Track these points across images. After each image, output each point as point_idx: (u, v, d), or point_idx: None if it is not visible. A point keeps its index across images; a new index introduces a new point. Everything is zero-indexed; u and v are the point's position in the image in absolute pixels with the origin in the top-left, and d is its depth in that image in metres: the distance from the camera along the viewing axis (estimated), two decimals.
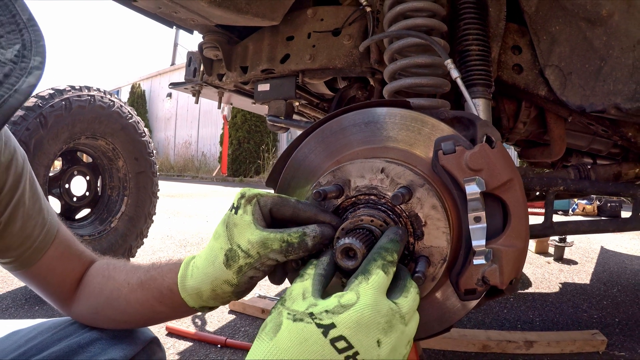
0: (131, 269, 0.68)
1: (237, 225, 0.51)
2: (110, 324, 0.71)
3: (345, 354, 0.38)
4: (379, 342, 0.39)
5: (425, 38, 0.83)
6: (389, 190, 0.48)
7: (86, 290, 0.71)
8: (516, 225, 0.48)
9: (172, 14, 1.32)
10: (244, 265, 0.51)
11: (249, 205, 0.52)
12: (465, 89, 0.77)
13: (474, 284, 0.49)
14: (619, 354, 1.60)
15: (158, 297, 0.62)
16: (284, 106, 1.37)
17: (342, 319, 0.39)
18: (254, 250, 0.50)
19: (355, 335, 0.39)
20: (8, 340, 0.71)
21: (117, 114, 2.28)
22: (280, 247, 0.49)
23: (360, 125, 0.57)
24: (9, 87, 0.39)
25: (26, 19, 0.46)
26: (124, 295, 0.66)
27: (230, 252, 0.51)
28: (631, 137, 1.26)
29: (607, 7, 1.06)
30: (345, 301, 0.40)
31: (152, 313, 0.65)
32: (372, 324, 0.40)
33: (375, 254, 0.44)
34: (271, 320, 0.42)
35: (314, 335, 0.39)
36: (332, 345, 0.38)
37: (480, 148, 0.47)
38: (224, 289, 0.53)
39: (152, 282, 0.62)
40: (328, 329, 0.39)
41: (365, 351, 0.39)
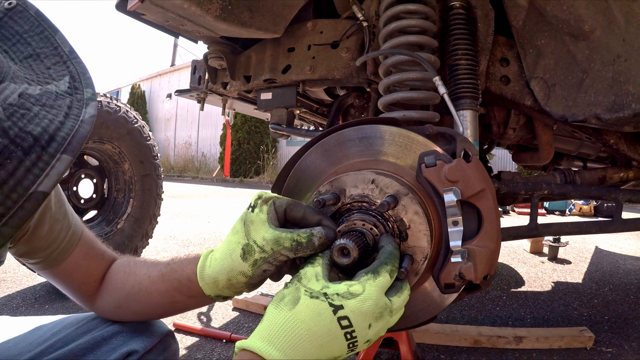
0: (151, 263, 0.75)
1: (253, 223, 0.59)
2: (132, 317, 0.77)
3: (345, 330, 0.49)
4: (370, 325, 0.50)
5: (415, 56, 0.91)
6: (379, 198, 0.56)
7: (109, 286, 0.77)
8: (488, 229, 0.56)
9: (179, 26, 1.40)
10: (258, 259, 0.58)
11: (265, 205, 0.60)
12: (452, 104, 0.85)
13: (452, 279, 0.56)
14: (606, 350, 1.67)
15: (177, 287, 0.68)
16: (286, 114, 1.45)
17: (349, 305, 0.49)
18: (268, 247, 0.57)
19: (356, 318, 0.49)
20: (33, 334, 0.76)
21: (124, 118, 2.36)
22: (291, 245, 0.56)
23: (355, 140, 0.65)
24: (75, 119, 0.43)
25: (68, 51, 0.51)
26: (145, 287, 0.72)
27: (247, 246, 0.58)
28: (613, 144, 1.34)
29: (590, 23, 1.13)
30: (354, 290, 0.50)
31: (171, 302, 0.71)
32: (370, 313, 0.50)
33: (387, 259, 0.53)
34: (289, 294, 0.52)
35: (326, 311, 0.49)
36: (339, 322, 0.49)
37: (457, 162, 0.55)
38: (239, 280, 0.61)
39: (173, 274, 0.69)
40: (337, 309, 0.49)
41: (359, 330, 0.49)
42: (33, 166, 0.38)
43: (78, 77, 0.48)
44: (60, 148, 0.40)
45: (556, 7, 1.15)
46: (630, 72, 1.06)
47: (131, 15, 1.41)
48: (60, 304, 2.05)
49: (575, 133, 1.38)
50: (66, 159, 0.40)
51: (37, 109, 0.41)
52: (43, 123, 0.41)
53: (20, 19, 0.50)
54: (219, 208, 6.14)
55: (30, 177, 0.38)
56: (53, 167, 0.39)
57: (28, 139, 0.39)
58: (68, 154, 0.41)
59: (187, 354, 1.52)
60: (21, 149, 0.38)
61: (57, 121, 0.42)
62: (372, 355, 1.31)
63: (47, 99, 0.43)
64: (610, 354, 1.64)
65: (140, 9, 1.20)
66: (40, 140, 0.39)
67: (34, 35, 0.50)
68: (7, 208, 0.37)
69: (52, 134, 0.40)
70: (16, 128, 0.38)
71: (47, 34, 0.51)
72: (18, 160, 0.38)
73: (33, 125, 0.40)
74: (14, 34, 0.49)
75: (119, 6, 1.29)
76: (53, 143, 0.40)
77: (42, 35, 0.50)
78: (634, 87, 1.06)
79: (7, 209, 0.37)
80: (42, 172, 0.39)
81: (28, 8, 0.51)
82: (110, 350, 0.73)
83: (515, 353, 1.59)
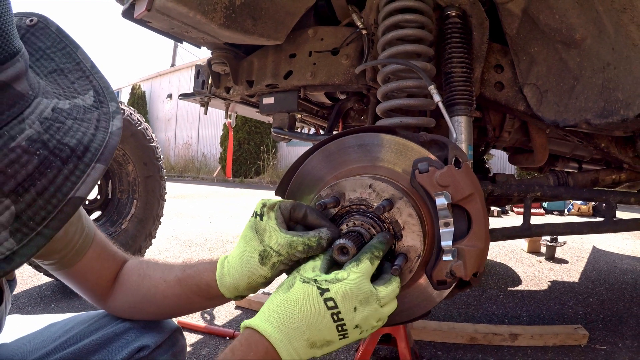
0: (165, 268, 0.78)
1: (265, 230, 0.64)
2: (146, 317, 0.81)
3: (331, 311, 0.55)
4: (355, 308, 0.56)
5: (411, 66, 0.95)
6: (375, 201, 0.61)
7: (122, 287, 0.81)
8: (477, 230, 0.60)
9: (183, 33, 1.44)
10: (276, 262, 0.64)
11: (272, 212, 0.65)
12: (446, 112, 0.89)
13: (444, 276, 0.61)
14: (600, 347, 1.71)
15: (196, 292, 0.73)
16: (287, 118, 1.50)
17: (334, 287, 0.55)
18: (284, 250, 0.63)
19: (341, 300, 0.55)
20: (47, 331, 0.80)
21: (127, 121, 2.40)
22: (303, 249, 0.62)
23: (354, 147, 0.69)
24: (104, 131, 0.47)
25: (90, 67, 0.53)
26: (161, 290, 0.76)
27: (264, 252, 0.64)
28: (604, 147, 1.38)
29: (581, 32, 1.17)
30: (340, 277, 0.56)
31: (189, 304, 0.77)
32: (353, 295, 0.56)
33: (367, 248, 0.59)
34: (287, 281, 0.59)
35: (313, 293, 0.56)
36: (325, 303, 0.55)
37: (448, 169, 0.60)
38: (258, 281, 0.67)
39: (190, 280, 0.74)
40: (324, 291, 0.55)
41: (345, 312, 0.55)
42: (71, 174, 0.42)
43: (102, 91, 0.51)
44: (95, 157, 0.44)
45: (549, 16, 1.19)
46: (619, 79, 1.11)
47: (137, 22, 1.46)
48: (66, 303, 2.09)
49: (567, 137, 1.42)
50: (100, 167, 0.44)
51: (70, 122, 0.45)
52: (77, 135, 0.44)
53: (42, 36, 0.53)
54: (220, 208, 6.18)
55: (68, 184, 0.42)
56: (89, 174, 0.43)
57: (65, 149, 0.42)
58: (102, 162, 0.44)
59: (191, 350, 1.57)
60: (60, 159, 0.42)
61: (89, 133, 0.45)
62: (370, 351, 1.36)
63: (77, 112, 0.47)
64: (604, 351, 1.68)
65: (146, 17, 1.24)
66: (76, 151, 0.43)
67: (56, 51, 0.52)
68: (49, 212, 0.40)
69: (86, 145, 0.44)
70: (54, 140, 0.42)
71: (68, 50, 0.53)
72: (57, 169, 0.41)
73: (69, 137, 0.44)
74: (37, 50, 0.51)
75: (125, 14, 1.33)
76: (88, 153, 0.44)
77: (64, 51, 0.53)
78: (623, 94, 1.10)
79: (49, 212, 0.40)
80: (79, 180, 0.42)
81: (49, 25, 0.53)
82: (122, 345, 0.77)
83: (511, 350, 1.63)
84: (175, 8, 1.14)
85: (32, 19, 0.52)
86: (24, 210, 0.39)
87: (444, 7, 1.20)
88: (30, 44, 0.51)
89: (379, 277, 0.60)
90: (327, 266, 0.61)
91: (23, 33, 0.52)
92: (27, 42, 0.51)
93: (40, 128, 0.42)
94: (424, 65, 1.05)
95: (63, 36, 0.53)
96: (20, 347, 0.76)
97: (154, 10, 1.16)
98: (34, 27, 0.52)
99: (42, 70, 0.51)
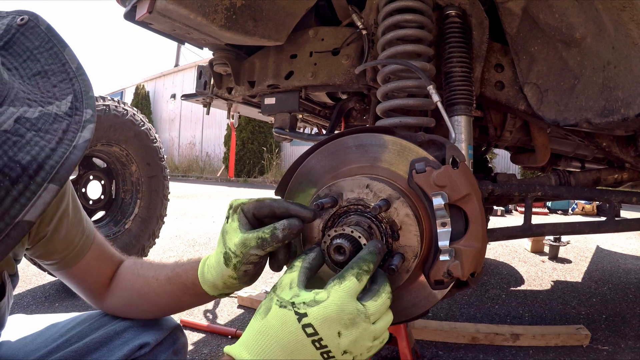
0: (157, 267, 0.80)
1: (227, 232, 0.64)
2: (141, 314, 0.82)
3: (312, 338, 0.49)
4: (339, 333, 0.50)
5: (410, 66, 0.96)
6: (372, 201, 0.61)
7: (118, 286, 0.82)
8: (474, 230, 0.61)
9: (185, 35, 1.45)
10: (236, 263, 0.63)
11: (235, 214, 0.64)
12: (445, 112, 0.90)
13: (441, 276, 0.61)
14: (602, 348, 1.71)
15: (183, 290, 0.74)
16: (289, 118, 1.50)
17: (312, 311, 0.50)
18: (239, 250, 0.62)
19: (320, 325, 0.49)
20: (49, 330, 0.82)
21: (131, 122, 2.42)
22: (257, 243, 0.60)
23: (352, 147, 0.70)
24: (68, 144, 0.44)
25: (75, 68, 0.51)
26: (153, 289, 0.77)
27: (226, 254, 0.64)
28: (605, 146, 1.38)
29: (581, 30, 1.17)
30: (319, 298, 0.51)
31: (178, 302, 0.78)
32: (335, 319, 0.50)
33: (354, 262, 0.54)
34: (264, 304, 0.54)
35: (291, 319, 0.50)
36: (303, 329, 0.50)
37: (445, 169, 0.60)
38: (232, 282, 0.67)
39: (178, 278, 0.75)
40: (302, 317, 0.50)
41: (327, 338, 0.49)
42: (20, 196, 0.39)
43: (81, 97, 0.49)
44: (48, 177, 0.41)
45: (548, 15, 1.19)
46: (619, 78, 1.10)
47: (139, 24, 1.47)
48: (69, 302, 2.11)
49: (569, 136, 1.42)
50: (53, 189, 0.41)
51: (31, 135, 0.42)
52: (33, 151, 0.41)
53: (31, 35, 0.52)
54: (223, 208, 6.20)
55: (17, 206, 0.39)
56: (40, 196, 0.40)
57: (17, 168, 0.40)
58: (55, 183, 0.41)
59: (194, 349, 1.58)
60: (9, 179, 0.39)
61: (48, 148, 0.42)
62: None
63: (43, 122, 0.44)
64: (606, 351, 1.67)
65: (148, 19, 1.25)
66: (29, 170, 0.40)
67: (43, 51, 0.51)
68: None
69: (40, 163, 0.41)
70: (6, 157, 0.39)
71: (56, 50, 0.52)
72: (5, 190, 0.38)
73: (23, 153, 0.41)
74: (25, 50, 0.51)
75: (127, 16, 1.34)
76: (41, 172, 0.41)
77: (51, 52, 0.51)
78: (623, 93, 1.10)
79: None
80: (29, 202, 0.40)
81: (39, 23, 0.53)
82: (123, 343, 0.78)
83: (512, 350, 1.63)
84: (177, 10, 1.14)
85: (23, 17, 0.52)
86: None
87: (444, 6, 1.21)
88: (19, 44, 0.51)
89: (368, 289, 0.55)
90: (307, 276, 0.56)
91: (13, 33, 0.51)
92: (17, 42, 0.51)
93: None
94: (423, 65, 1.05)
95: (52, 35, 0.53)
96: (23, 346, 0.78)
97: (155, 13, 1.17)
98: (24, 26, 0.52)
99: (27, 72, 0.50)
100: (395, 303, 0.68)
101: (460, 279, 0.61)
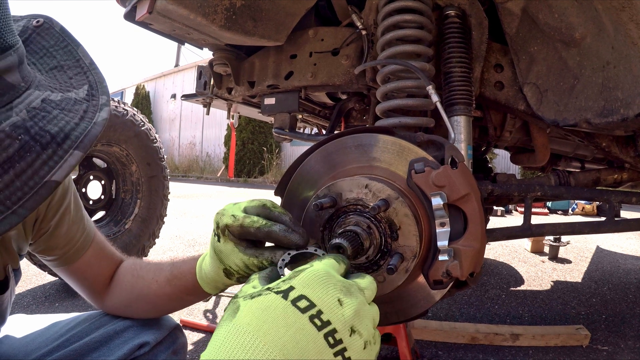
0: (156, 268, 0.80)
1: (222, 252, 0.62)
2: (142, 315, 0.83)
3: (308, 313, 0.38)
4: (340, 301, 0.40)
5: (410, 66, 0.96)
6: (371, 201, 0.61)
7: (118, 287, 0.83)
8: (473, 230, 0.61)
9: (185, 35, 1.45)
10: (239, 277, 0.64)
11: (224, 235, 0.61)
12: (444, 112, 0.90)
13: (440, 276, 0.61)
14: (602, 348, 1.71)
15: (185, 291, 0.75)
16: (289, 119, 1.50)
17: (298, 279, 0.41)
18: (242, 270, 0.62)
19: (314, 292, 0.39)
20: (50, 330, 0.83)
21: (131, 122, 2.42)
22: (257, 268, 0.60)
23: (351, 147, 0.70)
24: (89, 121, 0.49)
25: (88, 63, 0.56)
26: (153, 291, 0.78)
27: (226, 270, 0.64)
28: (605, 147, 1.38)
29: (580, 30, 1.17)
30: (300, 269, 0.43)
31: (180, 302, 0.79)
32: (329, 282, 0.41)
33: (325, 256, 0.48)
34: (227, 310, 0.41)
35: (274, 301, 0.39)
36: (294, 305, 0.38)
37: (443, 169, 0.60)
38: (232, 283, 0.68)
39: (178, 280, 0.75)
40: (287, 292, 0.39)
41: (327, 309, 0.39)
42: (49, 159, 0.44)
43: (96, 86, 0.54)
44: (73, 145, 0.46)
45: (548, 15, 1.19)
46: (618, 78, 1.10)
47: (139, 24, 1.47)
48: (69, 302, 2.11)
49: (568, 136, 1.42)
50: (77, 154, 0.46)
51: (57, 112, 0.47)
52: (60, 124, 0.47)
53: (47, 35, 0.56)
54: None
55: (45, 168, 0.44)
56: (66, 160, 0.45)
57: (46, 136, 0.45)
58: (80, 149, 0.46)
59: (194, 349, 1.58)
60: (39, 145, 0.44)
61: (72, 122, 0.48)
62: None
63: (66, 104, 0.49)
64: (605, 352, 1.67)
65: (148, 20, 1.25)
66: (57, 138, 0.45)
67: (58, 49, 0.56)
68: (25, 193, 0.42)
69: (67, 133, 0.46)
70: (37, 127, 0.44)
71: (70, 48, 0.57)
72: (36, 153, 0.43)
73: (51, 125, 0.46)
74: (41, 49, 0.55)
75: (127, 16, 1.35)
76: (67, 141, 0.46)
77: (66, 50, 0.56)
78: (623, 93, 1.10)
79: (25, 193, 0.42)
80: (56, 165, 0.44)
81: (54, 25, 0.57)
82: (123, 342, 0.79)
83: (512, 350, 1.63)
84: (176, 10, 1.15)
85: (38, 20, 0.56)
86: (2, 190, 0.41)
87: (443, 7, 1.21)
88: (36, 43, 0.55)
89: None
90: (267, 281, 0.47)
91: (30, 33, 0.55)
92: (33, 41, 0.55)
93: (26, 116, 0.44)
94: (423, 66, 1.05)
95: (66, 35, 0.57)
96: (23, 346, 0.79)
97: (155, 13, 1.17)
98: (40, 27, 0.56)
99: (45, 67, 0.54)
100: (395, 303, 0.68)
101: (459, 279, 0.61)
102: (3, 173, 0.41)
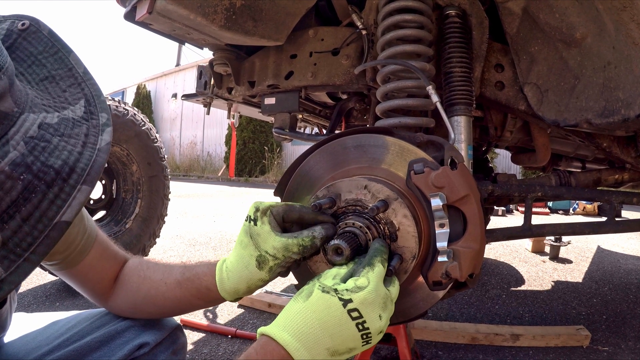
0: (165, 269, 0.79)
1: (260, 235, 0.64)
2: (147, 316, 0.83)
3: (357, 321, 0.54)
4: (380, 316, 0.55)
5: (410, 66, 0.96)
6: (370, 202, 0.61)
7: (124, 288, 0.82)
8: (472, 231, 0.60)
9: (185, 35, 1.45)
10: (273, 265, 0.64)
11: (265, 216, 0.65)
12: (444, 112, 0.90)
13: (439, 277, 0.61)
14: (602, 348, 1.70)
15: (196, 295, 0.74)
16: (289, 118, 1.50)
17: (357, 297, 0.54)
18: (280, 254, 0.63)
19: (365, 309, 0.54)
20: (50, 329, 0.82)
21: (131, 121, 2.42)
22: (298, 250, 0.63)
23: (351, 148, 0.70)
24: (92, 147, 0.45)
25: (82, 73, 0.51)
26: (161, 293, 0.77)
27: (260, 257, 0.64)
28: (606, 147, 1.38)
29: (581, 30, 1.17)
30: (360, 284, 0.56)
31: (189, 306, 0.78)
32: (375, 303, 0.55)
33: (376, 251, 0.59)
34: (307, 288, 0.58)
35: (336, 304, 0.54)
36: (349, 314, 0.54)
37: (443, 170, 0.60)
38: (257, 284, 0.68)
39: (190, 283, 0.74)
40: (347, 302, 0.54)
41: (370, 321, 0.55)
42: (56, 198, 0.41)
43: (93, 101, 0.50)
44: (80, 179, 0.43)
45: (549, 14, 1.18)
46: (619, 78, 1.10)
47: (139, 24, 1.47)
48: (70, 301, 2.11)
49: (569, 136, 1.42)
50: (86, 190, 0.43)
51: (57, 140, 0.44)
52: (63, 155, 0.43)
53: (34, 40, 0.51)
54: (224, 208, 6.21)
55: (54, 208, 0.41)
56: (74, 197, 0.42)
57: (50, 172, 0.41)
58: (87, 184, 0.43)
59: (194, 349, 1.58)
60: (44, 183, 0.41)
61: (75, 152, 0.44)
62: (370, 350, 1.36)
63: (64, 127, 0.45)
64: (606, 352, 1.67)
65: (148, 20, 1.25)
66: (62, 173, 0.42)
67: (48, 56, 0.51)
68: (35, 237, 0.40)
69: (72, 166, 0.43)
70: (39, 163, 0.41)
71: (61, 55, 0.52)
72: (42, 193, 0.40)
73: (54, 158, 0.42)
74: (29, 56, 0.50)
75: (127, 16, 1.35)
76: (73, 175, 0.43)
77: (56, 57, 0.51)
78: (624, 94, 1.09)
79: (35, 238, 0.40)
80: (65, 203, 0.41)
81: (41, 28, 0.52)
82: (123, 342, 0.78)
83: (512, 350, 1.63)
84: (176, 10, 1.14)
85: (23, 22, 0.51)
86: (10, 237, 0.39)
87: (444, 6, 1.20)
88: (22, 49, 0.50)
89: None
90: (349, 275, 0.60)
91: (15, 38, 0.50)
92: (19, 47, 0.50)
93: (24, 149, 0.41)
94: (423, 66, 1.05)
95: (55, 40, 0.52)
96: (24, 345, 0.78)
97: (155, 13, 1.17)
98: (26, 31, 0.51)
99: (34, 78, 0.49)
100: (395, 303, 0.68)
101: (458, 280, 0.61)
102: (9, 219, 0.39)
